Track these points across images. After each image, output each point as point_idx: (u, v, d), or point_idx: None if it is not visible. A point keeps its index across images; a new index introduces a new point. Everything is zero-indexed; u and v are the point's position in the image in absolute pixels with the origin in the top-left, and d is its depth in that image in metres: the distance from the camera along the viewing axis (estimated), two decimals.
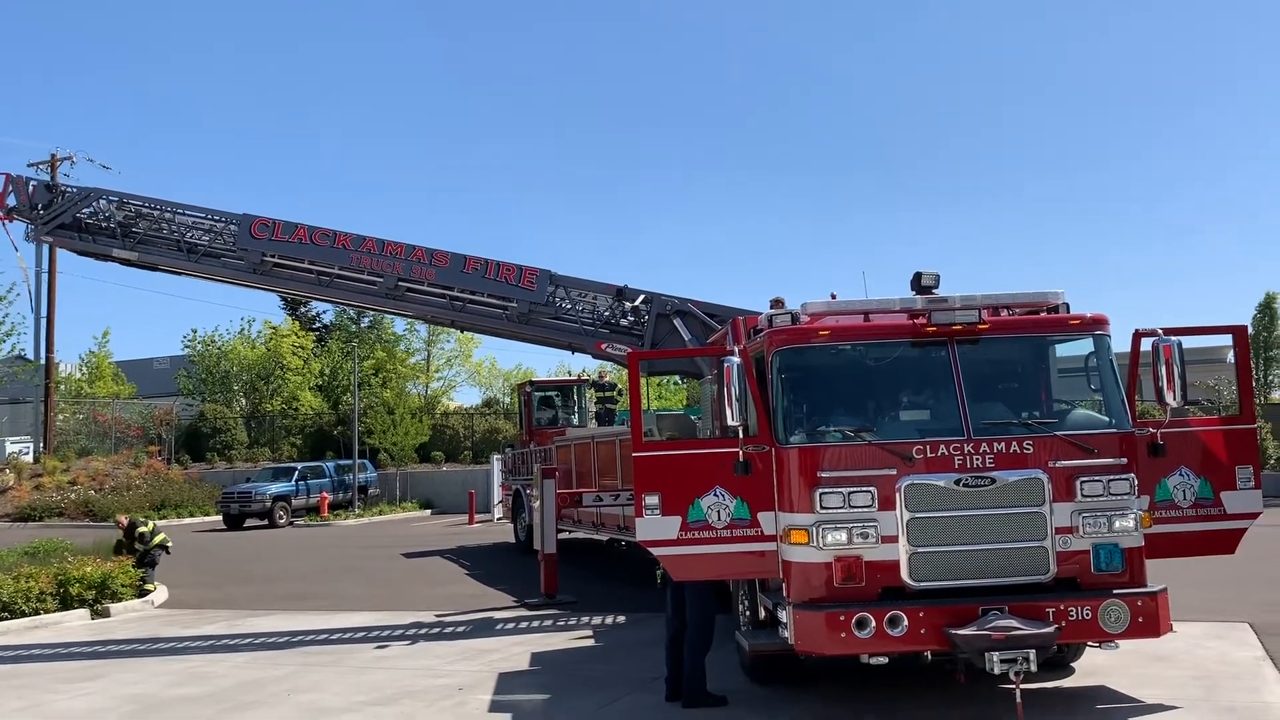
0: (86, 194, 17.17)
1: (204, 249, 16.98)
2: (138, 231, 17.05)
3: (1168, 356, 8.09)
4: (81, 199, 17.10)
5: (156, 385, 56.63)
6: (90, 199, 17.13)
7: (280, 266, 16.78)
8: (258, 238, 16.48)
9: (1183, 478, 8.49)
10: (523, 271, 16.01)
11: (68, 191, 17.32)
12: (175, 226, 17.02)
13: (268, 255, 16.63)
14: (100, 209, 17.10)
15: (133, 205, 17.16)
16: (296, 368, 51.06)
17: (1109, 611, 7.58)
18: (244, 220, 16.72)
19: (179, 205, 17.16)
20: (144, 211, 17.13)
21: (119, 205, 17.12)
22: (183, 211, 17.09)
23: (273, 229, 16.47)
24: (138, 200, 17.21)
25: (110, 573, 16.04)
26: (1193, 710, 7.86)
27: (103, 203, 17.12)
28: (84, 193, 17.21)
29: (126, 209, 17.13)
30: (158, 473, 41.20)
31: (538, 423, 24.89)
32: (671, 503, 8.15)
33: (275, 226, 16.49)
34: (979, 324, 8.06)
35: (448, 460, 44.23)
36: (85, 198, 17.12)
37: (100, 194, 17.22)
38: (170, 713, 9.23)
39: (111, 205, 17.10)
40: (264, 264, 16.64)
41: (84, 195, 17.14)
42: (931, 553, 7.71)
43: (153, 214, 17.08)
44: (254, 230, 16.52)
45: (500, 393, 56.53)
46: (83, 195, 17.15)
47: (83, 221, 17.10)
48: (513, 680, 10.01)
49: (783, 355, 8.24)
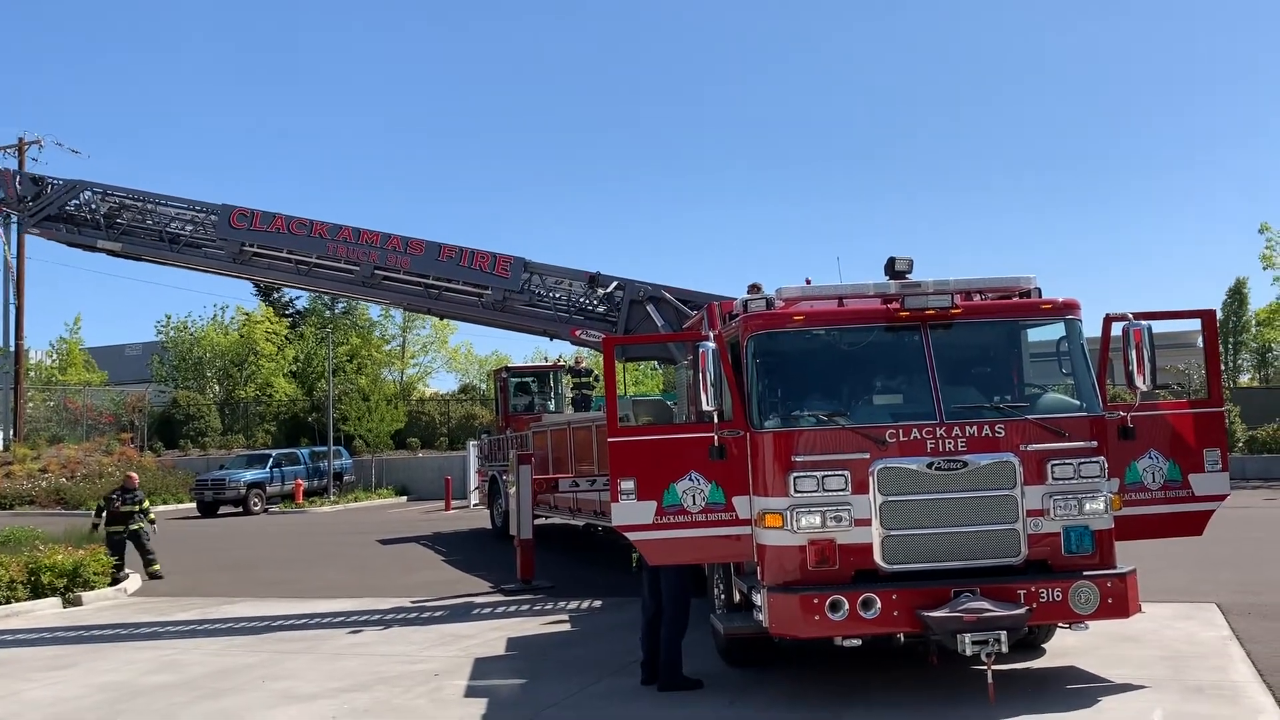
0: (72, 186, 17.29)
1: (186, 239, 17.15)
2: (121, 223, 17.19)
3: (1138, 341, 8.16)
4: (67, 191, 17.23)
5: (129, 372, 56.20)
6: (76, 191, 17.27)
7: (259, 256, 16.92)
8: (237, 227, 16.62)
9: (1152, 460, 8.59)
10: (496, 259, 16.07)
11: (54, 184, 17.43)
12: (158, 217, 17.19)
13: (247, 245, 16.76)
14: (86, 201, 17.25)
15: (116, 197, 17.31)
16: (270, 354, 50.78)
17: (1079, 593, 7.66)
18: (223, 210, 16.84)
19: (161, 196, 17.28)
20: (128, 203, 17.28)
21: (103, 197, 17.28)
22: (165, 202, 17.24)
23: (251, 219, 16.60)
24: (121, 192, 17.35)
25: (82, 561, 15.90)
26: (1160, 689, 7.96)
27: (88, 194, 17.27)
28: (69, 185, 17.32)
29: (110, 200, 17.28)
30: (130, 460, 40.83)
31: (514, 409, 24.89)
32: (647, 488, 8.17)
33: (254, 216, 16.62)
34: (951, 308, 8.11)
35: (423, 446, 44.13)
36: (71, 190, 17.25)
37: (85, 186, 17.33)
38: (143, 701, 9.18)
39: (96, 197, 17.26)
40: (243, 253, 16.80)
41: (70, 187, 17.26)
42: (904, 536, 7.76)
43: (136, 205, 17.23)
44: (233, 220, 16.65)
45: (477, 379, 56.48)
46: (68, 187, 17.27)
47: (68, 213, 17.26)
48: (489, 665, 10.02)
49: (757, 340, 8.26)
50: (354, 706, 8.59)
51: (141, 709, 8.90)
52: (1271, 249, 37.56)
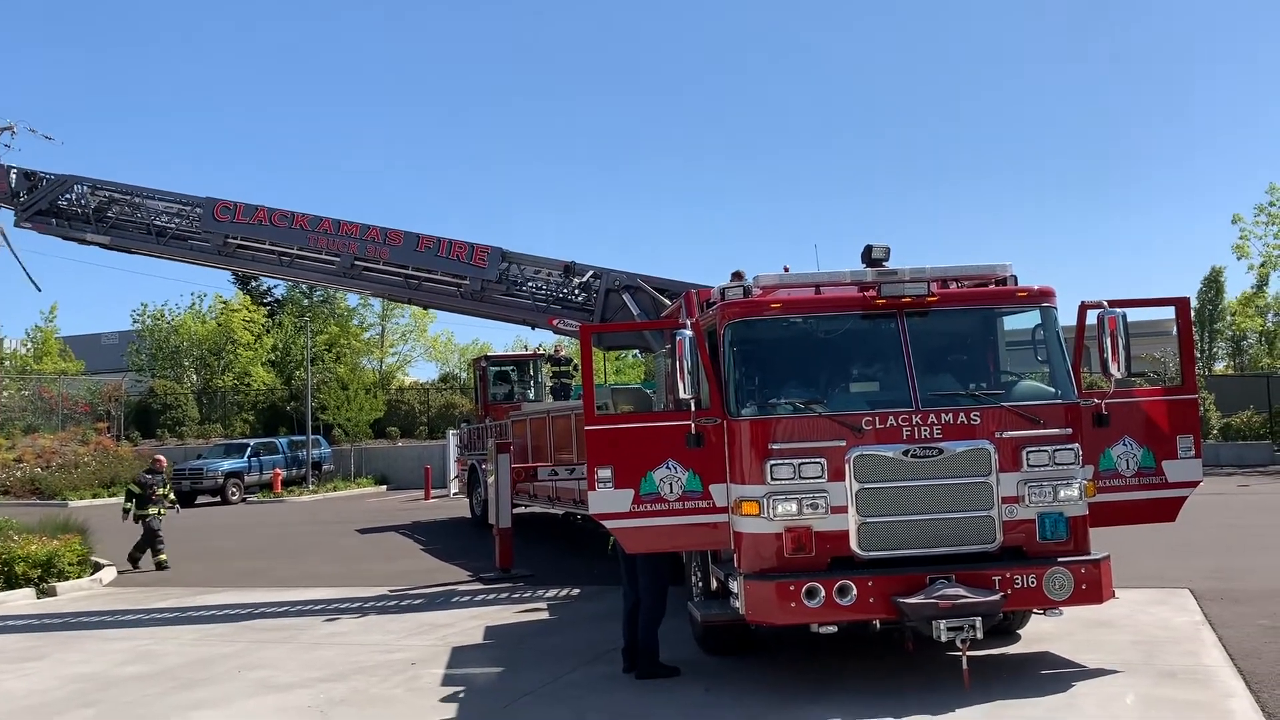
0: (64, 181, 17.55)
1: (172, 232, 17.42)
2: (110, 216, 17.50)
3: (1112, 328, 8.20)
4: (59, 185, 17.52)
5: (105, 361, 55.69)
6: (67, 185, 17.55)
7: (243, 248, 17.15)
8: (220, 220, 16.86)
9: (1126, 447, 8.63)
10: (474, 249, 16.17)
11: (47, 179, 17.67)
12: (146, 211, 17.45)
13: (231, 237, 17.01)
14: (77, 195, 17.52)
15: (106, 191, 17.59)
16: (248, 343, 50.46)
17: (1053, 579, 7.71)
18: (207, 203, 17.06)
19: (149, 190, 17.55)
20: (116, 197, 17.58)
21: (93, 191, 17.56)
22: (153, 196, 17.50)
23: (234, 211, 16.85)
24: (111, 186, 17.62)
25: (56, 551, 15.78)
26: (1134, 674, 8.03)
27: (79, 189, 17.51)
28: (61, 180, 17.57)
29: (100, 195, 17.58)
30: (107, 450, 40.46)
31: (493, 398, 24.80)
32: (624, 475, 8.15)
33: (237, 209, 16.86)
34: (927, 296, 8.12)
35: (403, 436, 43.95)
36: (62, 184, 17.53)
37: (76, 180, 17.58)
38: (116, 692, 9.12)
39: (86, 191, 17.52)
40: (227, 246, 17.05)
41: (61, 182, 17.53)
42: (880, 523, 7.78)
43: (125, 199, 17.55)
44: (216, 213, 16.89)
45: (457, 368, 56.28)
46: (60, 182, 17.54)
47: (59, 208, 17.56)
48: (466, 654, 10.00)
49: (734, 328, 8.25)
50: (331, 696, 8.56)
51: (114, 700, 8.84)
52: (1245, 239, 37.83)
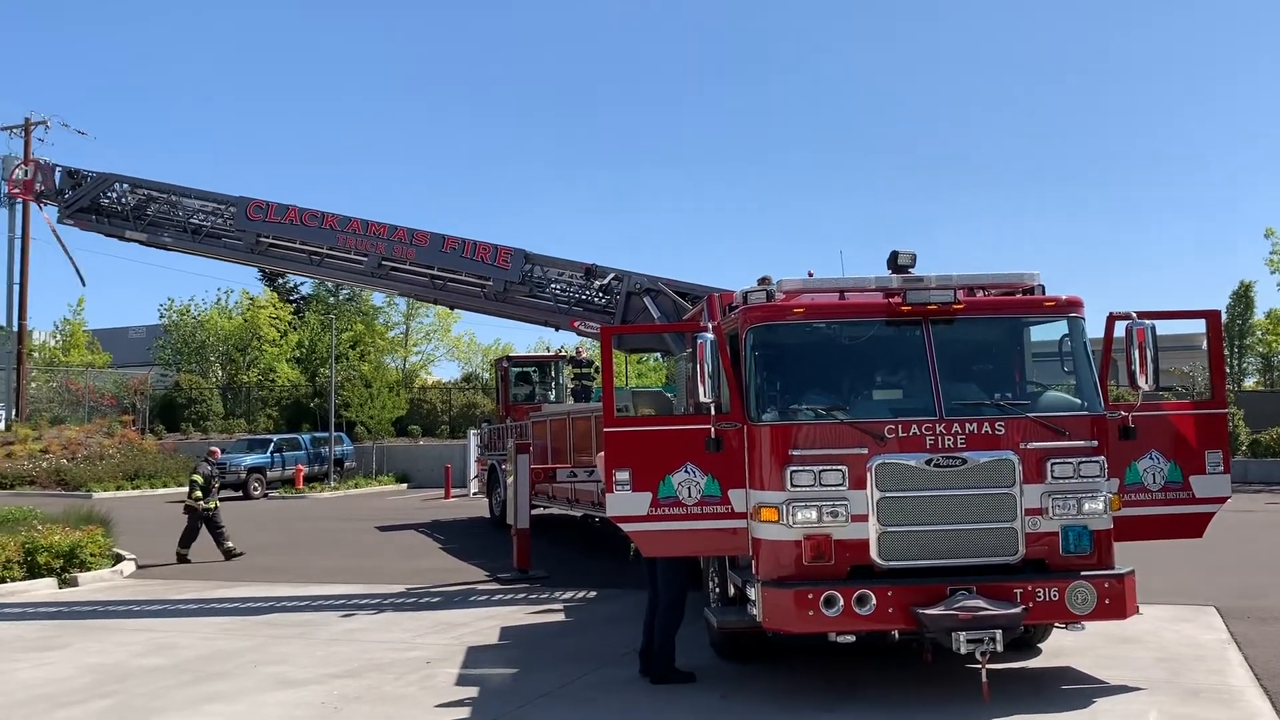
0: (105, 179, 18.03)
1: (207, 230, 17.85)
2: (148, 214, 17.96)
3: (1141, 340, 8.07)
4: (101, 183, 18.02)
5: (131, 354, 56.21)
6: (109, 183, 18.03)
7: (275, 247, 17.54)
8: (253, 219, 17.25)
9: (1153, 461, 8.49)
10: (498, 251, 16.36)
11: (89, 177, 18.14)
12: (182, 209, 17.90)
13: (263, 236, 17.39)
14: (117, 194, 18.03)
15: (144, 190, 18.07)
16: (274, 339, 50.79)
17: (1076, 593, 7.59)
18: (240, 202, 17.45)
19: (186, 189, 18.04)
20: (155, 195, 18.06)
21: (132, 190, 18.06)
22: (188, 195, 17.97)
23: (266, 211, 17.23)
24: (149, 185, 18.11)
25: (79, 542, 15.86)
26: (1157, 692, 7.90)
27: (120, 187, 18.02)
28: (103, 178, 18.04)
29: (139, 193, 18.06)
30: (131, 443, 40.85)
31: (514, 398, 24.81)
32: (642, 479, 8.10)
33: (269, 208, 17.23)
34: (954, 304, 8.02)
35: (424, 434, 44.09)
36: (104, 182, 18.02)
37: (117, 179, 18.07)
38: (132, 683, 9.13)
39: (126, 189, 18.02)
40: (259, 244, 17.44)
41: (103, 180, 18.02)
42: (901, 532, 7.69)
43: (163, 198, 18.02)
44: (249, 212, 17.28)
45: (479, 368, 56.37)
46: (102, 180, 18.02)
47: (100, 205, 18.08)
48: (481, 654, 9.97)
49: (756, 332, 8.18)
50: (345, 693, 8.54)
51: (130, 691, 8.85)
52: (1278, 253, 37.28)
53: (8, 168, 21.43)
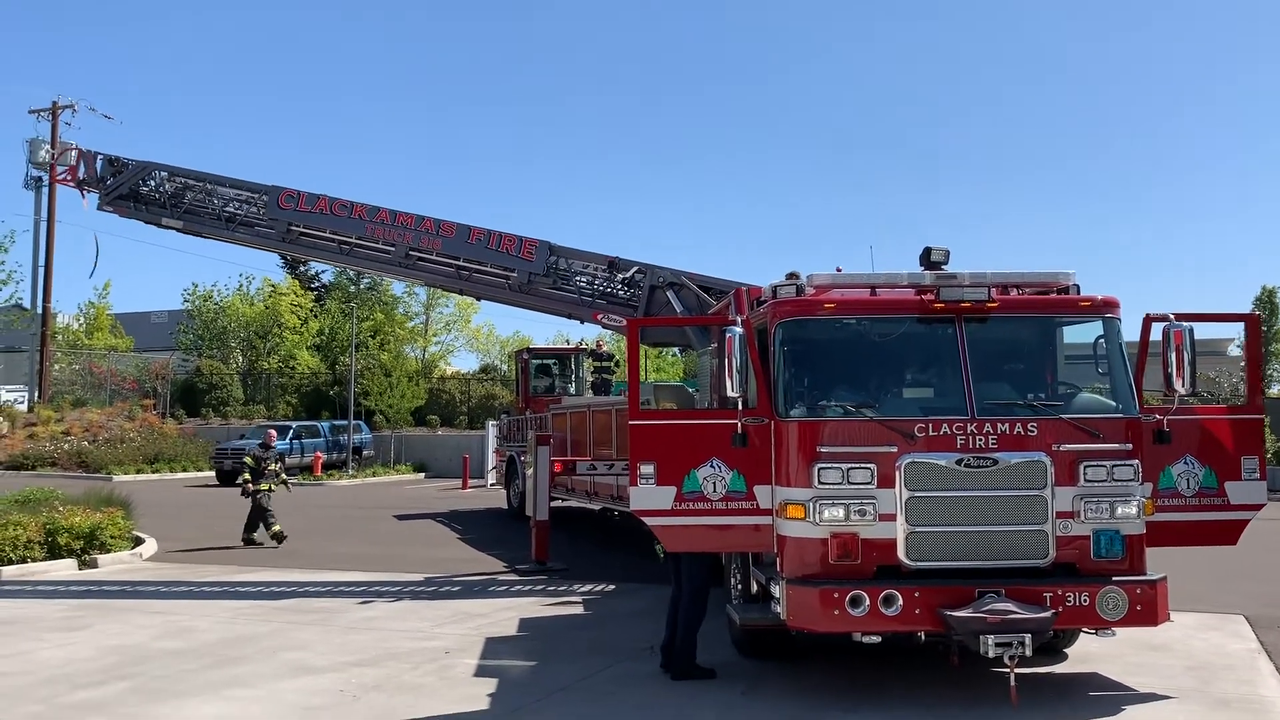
0: (144, 167, 18.37)
1: (241, 219, 18.12)
2: (185, 202, 18.28)
3: (1178, 343, 7.93)
4: (140, 171, 18.36)
5: (153, 339, 56.53)
6: (148, 171, 18.37)
7: (305, 235, 17.76)
8: (284, 208, 17.45)
9: (1187, 466, 8.34)
10: (522, 242, 16.38)
11: (129, 165, 18.47)
12: (218, 197, 18.17)
13: (294, 225, 17.59)
14: (156, 182, 18.38)
15: (181, 178, 18.41)
16: (294, 326, 50.97)
17: (1107, 598, 7.46)
18: (273, 191, 17.67)
19: (221, 178, 18.34)
20: (191, 184, 18.37)
21: (169, 178, 18.41)
22: (223, 183, 18.25)
23: (298, 200, 17.41)
24: (185, 173, 18.45)
25: (99, 523, 15.92)
26: (1186, 701, 7.76)
27: (158, 175, 18.38)
28: (142, 166, 18.39)
29: (176, 181, 18.39)
30: (152, 426, 41.11)
31: (534, 390, 24.80)
32: (667, 473, 8.01)
33: (300, 198, 17.41)
34: (988, 302, 7.89)
35: (443, 425, 44.13)
36: (143, 170, 18.37)
37: (156, 167, 18.43)
38: (151, 665, 9.12)
39: (164, 178, 18.39)
40: (290, 233, 17.66)
41: (142, 168, 18.36)
42: (929, 532, 7.57)
43: (199, 186, 18.32)
44: (281, 201, 17.50)
45: (498, 359, 56.45)
46: (141, 168, 18.36)
47: (139, 193, 18.43)
48: (500, 645, 9.91)
49: (786, 327, 8.07)
50: (363, 681, 8.50)
51: (149, 673, 8.84)
52: None
53: (35, 151, 21.45)
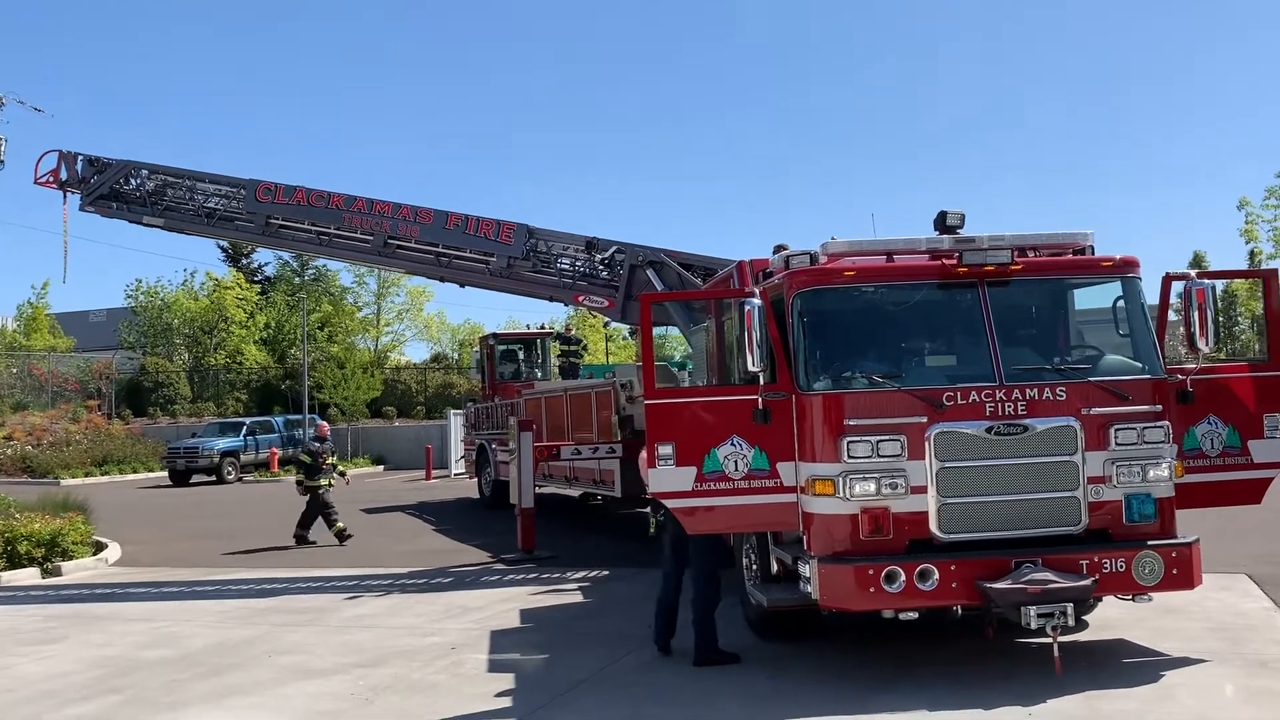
0: (125, 166, 18.12)
1: (220, 214, 17.88)
2: (166, 199, 18.05)
3: (1200, 301, 7.78)
4: (122, 170, 18.09)
5: (94, 338, 54.90)
6: (128, 171, 18.10)
7: (285, 228, 17.51)
8: (262, 201, 17.26)
9: (1211, 426, 8.24)
10: (500, 226, 16.07)
11: (111, 165, 18.18)
12: (199, 193, 17.94)
13: (273, 218, 17.37)
14: (139, 179, 18.10)
15: (161, 176, 18.18)
16: (241, 320, 49.74)
17: (1143, 563, 7.32)
18: (250, 184, 17.44)
19: (200, 174, 18.19)
20: (171, 181, 18.11)
21: (150, 175, 18.15)
22: (203, 179, 18.07)
23: (275, 192, 17.22)
24: (166, 171, 18.28)
25: (60, 530, 15.28)
26: (1223, 664, 7.65)
27: (140, 173, 18.11)
28: (123, 165, 18.14)
29: (156, 179, 18.13)
30: (98, 428, 39.94)
31: (500, 376, 24.37)
32: (686, 453, 7.71)
33: (277, 190, 17.22)
34: (1011, 264, 7.68)
35: (400, 415, 43.44)
36: (124, 170, 18.10)
37: (136, 166, 18.15)
38: (143, 675, 8.64)
39: (145, 176, 18.12)
40: (269, 225, 17.45)
41: (123, 168, 18.12)
42: (961, 504, 7.36)
43: (180, 183, 18.08)
44: (259, 194, 17.29)
45: (448, 348, 55.73)
46: (122, 168, 18.12)
47: (119, 192, 18.16)
48: (506, 638, 9.57)
49: (804, 298, 7.79)
50: (372, 683, 8.11)
51: (141, 685, 8.36)
52: (1252, 223, 37.48)
53: None
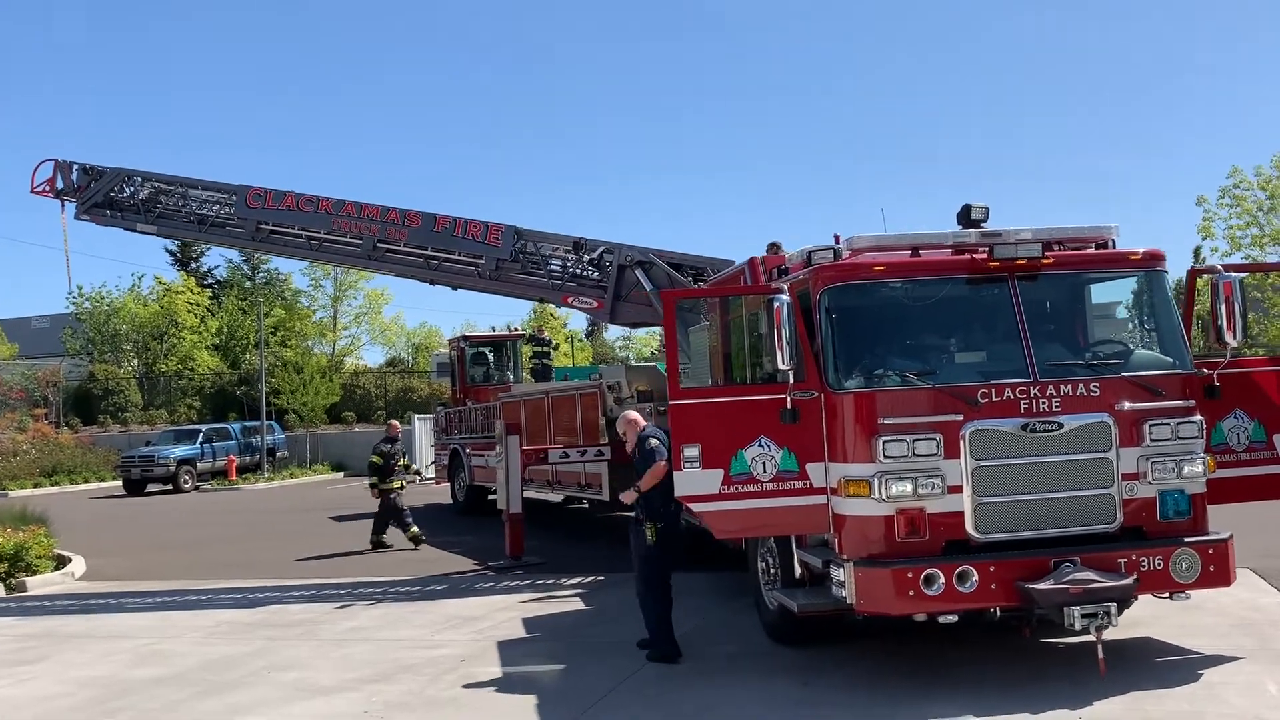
0: (119, 174, 17.99)
1: (212, 220, 17.72)
2: (160, 206, 17.89)
3: (1229, 294, 7.69)
4: (116, 178, 17.95)
5: (37, 345, 53.27)
6: (122, 179, 17.94)
7: (276, 233, 17.34)
8: (252, 206, 17.04)
9: (1237, 420, 8.18)
10: (488, 228, 15.87)
11: (105, 173, 18.00)
12: (192, 200, 17.78)
13: (263, 223, 17.13)
14: (134, 187, 17.93)
15: (154, 183, 18.00)
16: (193, 325, 48.65)
17: (1180, 560, 7.21)
18: (240, 190, 17.23)
19: (193, 180, 18.00)
20: (164, 188, 17.93)
21: (143, 183, 17.96)
22: (195, 186, 17.89)
23: (265, 198, 17.02)
24: (159, 178, 18.11)
25: (23, 543, 14.64)
26: (1256, 660, 7.57)
27: (135, 181, 17.95)
28: (117, 173, 18.01)
29: (150, 186, 17.95)
30: (46, 437, 38.71)
31: (471, 379, 23.93)
32: (712, 455, 7.47)
33: (267, 195, 17.02)
34: (1042, 258, 7.54)
35: (359, 421, 42.71)
36: (118, 177, 17.95)
37: (130, 174, 17.99)
38: (137, 698, 8.19)
39: (139, 183, 17.95)
40: (260, 231, 17.24)
41: (117, 175, 18.00)
42: (998, 503, 7.21)
43: (173, 190, 17.91)
44: (249, 200, 17.07)
45: (404, 352, 55.06)
46: (117, 175, 17.98)
47: (114, 199, 17.98)
48: (515, 649, 9.24)
49: (832, 294, 7.59)
50: (386, 700, 7.75)
51: (139, 707, 7.93)
52: (1209, 220, 38.08)
53: None
